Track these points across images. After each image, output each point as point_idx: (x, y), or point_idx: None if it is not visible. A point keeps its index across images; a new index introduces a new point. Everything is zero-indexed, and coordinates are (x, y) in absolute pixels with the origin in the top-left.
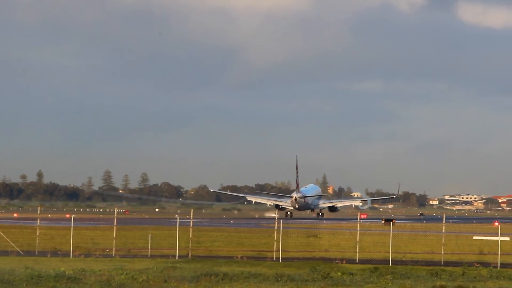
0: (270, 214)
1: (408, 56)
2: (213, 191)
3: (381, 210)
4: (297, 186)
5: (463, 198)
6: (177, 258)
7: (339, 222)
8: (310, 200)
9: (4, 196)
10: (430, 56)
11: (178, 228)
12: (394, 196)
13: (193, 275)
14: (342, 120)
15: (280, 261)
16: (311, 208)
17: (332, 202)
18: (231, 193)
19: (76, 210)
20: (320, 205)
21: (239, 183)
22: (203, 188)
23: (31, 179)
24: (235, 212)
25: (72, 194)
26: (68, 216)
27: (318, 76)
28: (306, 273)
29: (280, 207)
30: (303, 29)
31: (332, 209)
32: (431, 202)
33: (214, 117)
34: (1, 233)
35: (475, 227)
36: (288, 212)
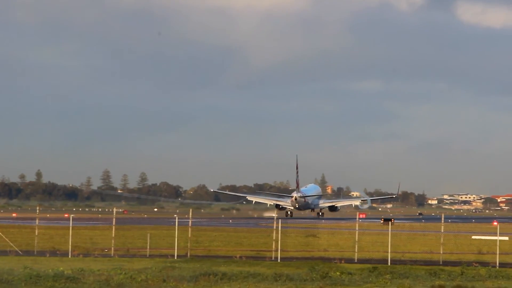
0: (269, 214)
1: (408, 55)
2: (213, 191)
3: (380, 209)
4: (297, 186)
5: (462, 197)
6: (175, 258)
7: (337, 221)
8: (310, 199)
9: (3, 195)
10: (429, 56)
11: (176, 228)
12: (394, 196)
13: (192, 275)
14: (341, 119)
15: (279, 260)
16: (311, 207)
17: (332, 202)
18: (230, 192)
19: (75, 210)
20: (320, 204)
21: (238, 183)
22: (202, 188)
23: (30, 179)
24: (234, 212)
25: (71, 194)
26: (66, 215)
27: (317, 76)
28: (305, 272)
29: (281, 206)
30: (303, 28)
31: (332, 208)
32: (430, 202)
33: (213, 117)
34: (0, 233)
35: (474, 227)
36: (289, 212)
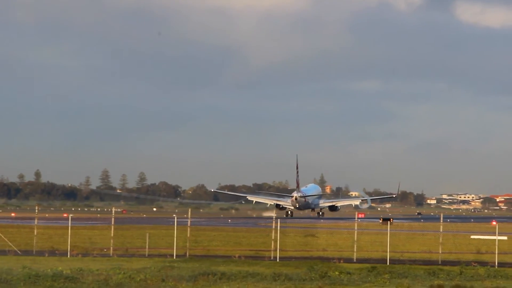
0: (268, 214)
1: (407, 55)
2: (213, 191)
3: (379, 209)
4: (297, 186)
5: (461, 197)
6: (174, 258)
7: (336, 221)
8: (310, 199)
9: (1, 195)
10: (428, 55)
11: (175, 228)
12: (394, 196)
13: (190, 275)
14: (340, 119)
15: (277, 260)
16: (311, 207)
17: (332, 202)
18: (230, 192)
19: (73, 209)
20: (321, 204)
21: (237, 183)
22: (201, 187)
23: (29, 178)
24: (233, 211)
25: (70, 193)
26: (65, 215)
27: (317, 76)
28: (304, 272)
29: (281, 206)
30: (302, 28)
31: (333, 208)
32: (428, 202)
33: (213, 116)
34: None
35: (472, 226)
36: (289, 212)
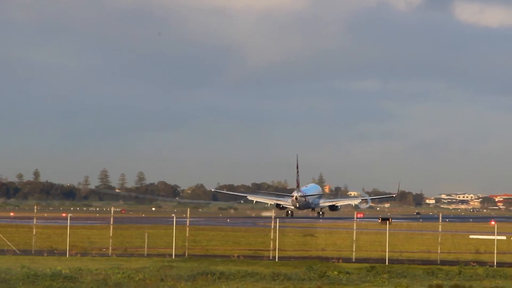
0: (267, 213)
1: (406, 55)
2: (212, 191)
3: (377, 209)
4: (297, 185)
5: (459, 197)
6: (173, 257)
7: (335, 221)
8: (310, 199)
9: (0, 195)
10: (427, 55)
11: (174, 227)
12: (393, 195)
13: (189, 274)
14: (339, 119)
15: (276, 260)
16: (311, 207)
17: (332, 201)
18: (228, 192)
19: (72, 209)
20: (321, 204)
21: (236, 182)
22: (199, 187)
23: (28, 178)
24: (232, 211)
25: (69, 193)
26: (64, 215)
27: (316, 76)
28: (303, 272)
29: (281, 206)
30: (301, 28)
31: (333, 208)
32: (427, 201)
33: (212, 116)
34: None
35: (471, 226)
36: (289, 211)
